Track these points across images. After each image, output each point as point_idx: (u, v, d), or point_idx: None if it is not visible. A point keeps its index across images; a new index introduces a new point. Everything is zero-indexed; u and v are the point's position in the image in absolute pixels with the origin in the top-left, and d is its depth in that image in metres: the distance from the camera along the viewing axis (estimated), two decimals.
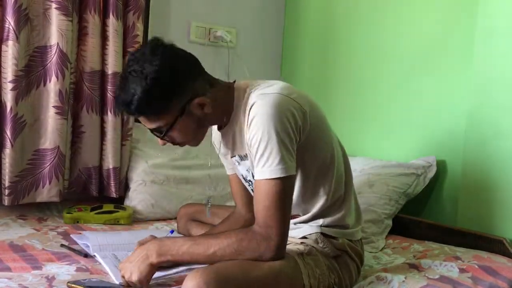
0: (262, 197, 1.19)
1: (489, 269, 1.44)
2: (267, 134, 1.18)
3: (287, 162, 1.18)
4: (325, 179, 1.32)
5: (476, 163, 1.79)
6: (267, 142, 1.18)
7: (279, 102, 1.20)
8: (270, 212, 1.18)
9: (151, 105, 1.20)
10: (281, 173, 1.18)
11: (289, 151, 1.19)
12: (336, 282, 1.28)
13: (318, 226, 1.33)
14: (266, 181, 1.19)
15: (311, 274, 1.23)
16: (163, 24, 2.38)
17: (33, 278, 1.27)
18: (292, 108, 1.22)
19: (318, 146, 1.29)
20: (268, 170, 1.18)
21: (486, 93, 1.77)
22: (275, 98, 1.21)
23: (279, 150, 1.18)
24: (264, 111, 1.19)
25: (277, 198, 1.18)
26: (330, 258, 1.30)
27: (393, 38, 2.13)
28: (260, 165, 1.19)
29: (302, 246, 1.30)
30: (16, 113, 1.85)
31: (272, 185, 1.18)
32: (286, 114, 1.20)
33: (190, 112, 1.24)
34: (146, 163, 2.11)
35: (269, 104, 1.20)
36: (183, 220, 1.76)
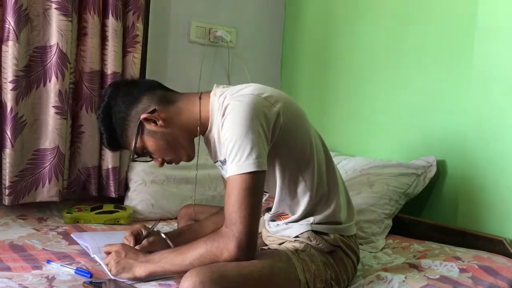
0: (229, 193, 1.19)
1: (489, 269, 1.44)
2: (238, 131, 1.19)
3: (258, 157, 1.18)
4: (304, 174, 1.31)
5: (476, 163, 1.79)
6: (236, 139, 1.19)
7: (250, 102, 1.22)
8: (235, 208, 1.17)
9: (113, 139, 1.38)
10: (249, 168, 1.17)
11: (259, 148, 1.19)
12: (333, 278, 1.29)
13: (308, 224, 1.33)
14: (234, 177, 1.19)
15: (306, 270, 1.23)
16: (163, 24, 2.38)
17: (33, 278, 1.28)
18: (263, 107, 1.23)
19: (293, 142, 1.30)
20: (237, 166, 1.18)
21: (486, 93, 1.77)
22: (247, 98, 1.23)
23: (249, 146, 1.18)
24: (236, 111, 1.21)
25: (244, 194, 1.17)
26: (325, 254, 1.31)
27: (393, 37, 2.13)
28: (230, 162, 1.20)
29: (297, 243, 1.31)
30: (16, 113, 1.85)
31: (240, 181, 1.18)
32: (257, 113, 1.21)
33: (149, 130, 1.34)
34: (146, 163, 2.11)
35: (240, 105, 1.22)
36: (183, 220, 1.77)
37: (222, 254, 1.17)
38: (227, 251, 1.17)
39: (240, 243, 1.16)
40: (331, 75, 2.43)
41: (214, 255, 1.18)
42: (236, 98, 1.25)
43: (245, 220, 1.17)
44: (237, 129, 1.19)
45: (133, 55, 2.11)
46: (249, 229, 1.17)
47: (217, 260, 1.17)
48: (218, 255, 1.17)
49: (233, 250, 1.16)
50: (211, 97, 1.35)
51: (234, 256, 1.16)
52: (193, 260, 1.20)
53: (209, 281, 1.07)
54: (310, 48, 2.56)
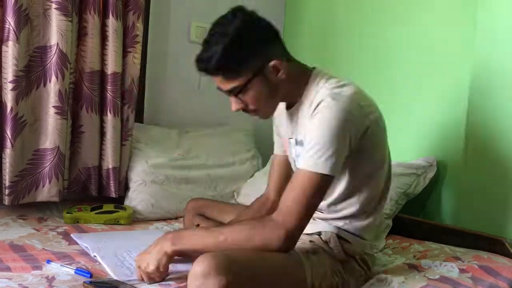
0: (296, 185, 1.20)
1: (489, 269, 1.43)
2: (327, 130, 1.20)
3: (333, 162, 1.19)
4: (364, 189, 1.32)
5: (476, 163, 1.79)
6: (321, 139, 1.19)
7: (346, 108, 1.22)
8: (295, 201, 1.18)
9: (229, 62, 1.25)
10: (323, 169, 1.18)
11: (339, 154, 1.20)
12: (339, 285, 1.28)
13: (336, 227, 1.33)
14: (306, 172, 1.19)
15: (314, 272, 1.23)
16: (163, 24, 2.38)
17: (33, 278, 1.28)
18: (357, 115, 1.24)
19: (370, 155, 1.30)
20: (312, 161, 1.19)
21: (486, 93, 1.77)
22: (344, 101, 1.23)
23: (331, 149, 1.19)
24: (330, 112, 1.21)
25: (310, 192, 1.18)
26: (336, 261, 1.30)
27: (393, 37, 2.13)
28: (307, 155, 1.21)
29: (310, 245, 1.30)
30: (16, 113, 1.85)
31: (310, 177, 1.19)
32: (349, 122, 1.22)
33: (265, 74, 1.28)
34: (146, 163, 2.12)
35: (336, 106, 1.22)
36: (190, 214, 1.76)
37: (265, 238, 1.16)
38: (274, 237, 1.16)
39: (289, 235, 1.17)
40: None
41: (256, 236, 1.17)
42: (334, 96, 1.24)
43: (301, 215, 1.18)
44: (325, 131, 1.20)
45: (133, 55, 2.12)
46: (301, 225, 1.18)
47: (256, 244, 1.17)
48: (261, 238, 1.17)
49: (282, 239, 1.16)
50: (312, 76, 1.34)
51: (280, 245, 1.17)
52: (230, 237, 1.18)
53: (222, 266, 1.07)
54: (310, 48, 2.56)
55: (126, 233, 1.78)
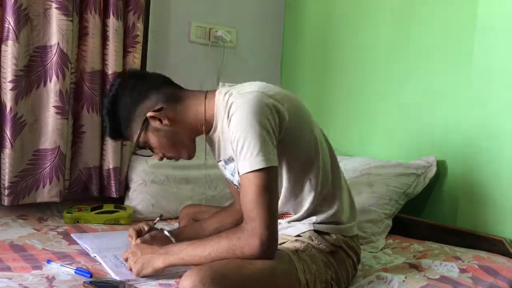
0: (245, 191, 1.19)
1: (489, 269, 1.44)
2: (246, 129, 1.19)
3: (267, 153, 1.18)
4: (310, 174, 1.32)
5: (476, 163, 1.79)
6: (245, 136, 1.19)
7: (257, 99, 1.22)
8: (253, 205, 1.17)
9: (117, 131, 1.39)
10: (261, 164, 1.17)
11: (268, 144, 1.19)
12: (334, 278, 1.28)
13: (311, 223, 1.33)
14: (248, 175, 1.18)
15: (306, 270, 1.23)
16: (163, 24, 2.38)
17: (33, 278, 1.27)
18: (270, 105, 1.23)
19: (299, 142, 1.30)
20: (248, 162, 1.18)
21: (486, 93, 1.77)
22: (253, 96, 1.23)
23: (259, 143, 1.18)
24: (243, 108, 1.21)
25: (260, 191, 1.17)
26: (326, 254, 1.31)
27: (393, 37, 2.13)
28: (241, 159, 1.20)
29: (298, 243, 1.31)
30: (16, 113, 1.85)
31: (254, 178, 1.18)
32: (264, 110, 1.21)
33: (154, 127, 1.35)
34: (146, 163, 2.12)
35: (246, 101, 1.22)
36: (184, 220, 1.77)
37: (243, 249, 1.16)
38: (248, 247, 1.16)
39: (262, 239, 1.15)
40: (331, 75, 2.43)
41: (235, 248, 1.17)
42: (241, 96, 1.25)
43: (264, 217, 1.16)
44: (245, 126, 1.19)
45: (133, 55, 2.12)
46: (269, 225, 1.17)
47: (237, 255, 1.16)
48: (239, 250, 1.16)
49: (256, 245, 1.15)
50: (216, 95, 1.35)
51: (256, 252, 1.16)
52: (212, 251, 1.19)
53: (210, 281, 1.07)
54: (310, 48, 2.56)
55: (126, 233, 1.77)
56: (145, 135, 1.36)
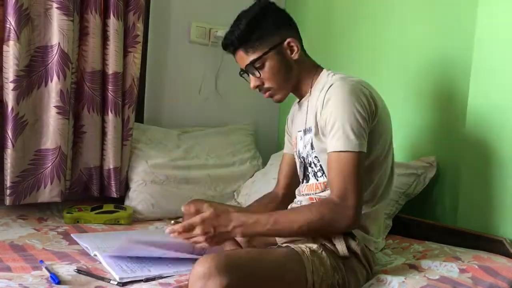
0: (340, 167, 1.26)
1: (489, 270, 1.43)
2: (345, 111, 1.27)
3: (361, 139, 1.27)
4: (370, 174, 1.36)
5: (476, 163, 1.79)
6: (345, 118, 1.27)
7: (356, 88, 1.31)
8: (347, 182, 1.25)
9: (250, 34, 1.40)
10: (356, 147, 1.26)
11: (363, 130, 1.27)
12: (340, 284, 1.28)
13: None
14: (342, 153, 1.26)
15: (314, 271, 1.23)
16: (164, 24, 2.38)
17: (33, 279, 1.27)
18: (368, 96, 1.32)
19: (378, 141, 1.36)
20: (346, 142, 1.26)
21: (486, 93, 1.77)
22: (353, 84, 1.32)
23: (356, 127, 1.26)
24: (343, 92, 1.30)
25: (355, 171, 1.25)
26: (337, 259, 1.30)
27: (393, 36, 2.13)
28: (337, 137, 1.27)
29: (311, 243, 1.31)
30: (17, 113, 1.85)
31: (349, 157, 1.26)
32: (362, 99, 1.30)
33: (280, 51, 1.42)
34: (146, 163, 2.12)
35: (347, 87, 1.31)
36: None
37: (340, 222, 1.24)
38: (347, 219, 1.24)
39: (356, 213, 1.24)
40: None
41: (330, 221, 1.23)
42: (343, 80, 1.34)
43: (357, 193, 1.25)
44: (344, 109, 1.28)
45: (133, 55, 2.12)
46: (361, 202, 1.27)
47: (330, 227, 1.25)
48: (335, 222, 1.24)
49: (352, 218, 1.24)
50: (323, 72, 1.47)
51: (352, 224, 1.26)
52: (303, 225, 1.23)
53: (224, 268, 1.08)
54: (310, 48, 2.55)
55: (126, 233, 1.78)
56: (270, 56, 1.40)
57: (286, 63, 1.43)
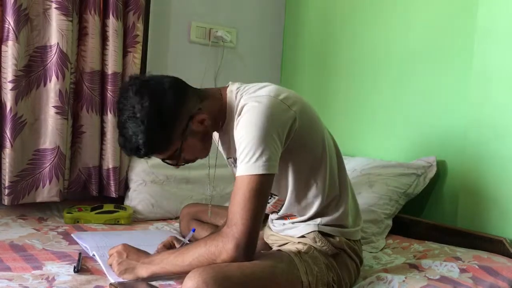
0: (235, 193, 1.19)
1: (490, 269, 1.44)
2: (252, 132, 1.18)
3: (268, 160, 1.17)
4: (317, 178, 1.31)
5: (476, 163, 1.79)
6: (249, 140, 1.18)
7: (267, 104, 1.21)
8: (239, 208, 1.17)
9: (156, 144, 1.25)
10: (257, 170, 1.17)
11: (272, 151, 1.18)
12: (335, 281, 1.28)
13: (315, 224, 1.33)
14: (242, 177, 1.18)
15: (309, 272, 1.23)
16: (163, 24, 2.38)
17: (34, 279, 1.27)
18: (280, 111, 1.23)
19: (307, 146, 1.29)
20: (246, 166, 1.18)
21: (486, 93, 1.77)
22: (264, 100, 1.22)
23: (260, 149, 1.17)
24: (252, 112, 1.21)
25: (249, 195, 1.17)
26: (328, 256, 1.30)
27: (393, 38, 2.13)
28: (240, 161, 1.20)
29: (301, 245, 1.31)
30: (16, 113, 1.85)
31: (247, 182, 1.17)
32: (273, 117, 1.20)
33: (192, 131, 1.28)
34: (146, 163, 2.12)
35: (257, 106, 1.21)
36: (185, 220, 1.78)
37: (220, 255, 1.16)
38: (225, 252, 1.16)
39: (239, 244, 1.15)
40: (331, 76, 2.43)
41: (212, 255, 1.17)
42: (253, 99, 1.24)
43: (246, 221, 1.16)
44: (251, 131, 1.18)
45: (133, 55, 2.12)
46: (249, 230, 1.16)
47: (215, 260, 1.17)
48: (216, 256, 1.17)
49: (231, 251, 1.15)
50: (227, 93, 1.34)
51: (231, 257, 1.16)
52: (192, 260, 1.19)
53: (213, 281, 1.07)
54: (310, 48, 2.56)
55: (126, 233, 1.78)
56: (185, 143, 1.28)
57: (201, 133, 1.30)
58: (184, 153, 1.31)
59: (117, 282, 1.25)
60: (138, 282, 1.26)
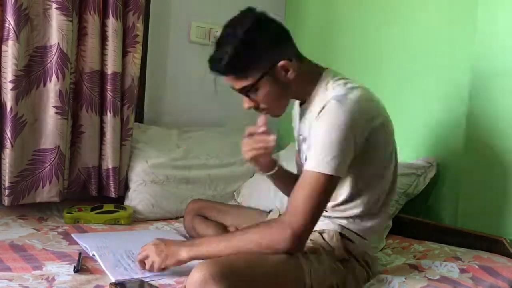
0: (303, 185, 1.20)
1: (490, 270, 1.44)
2: (331, 134, 1.20)
3: (338, 163, 1.19)
4: (369, 192, 1.33)
5: (476, 163, 1.79)
6: (327, 140, 1.20)
7: (352, 110, 1.22)
8: (302, 202, 1.18)
9: (240, 62, 1.27)
10: (329, 170, 1.19)
11: (344, 155, 1.21)
12: (339, 285, 1.28)
13: (340, 225, 1.33)
14: (312, 173, 1.20)
15: (313, 273, 1.23)
16: (163, 24, 2.38)
17: (34, 279, 1.27)
18: (363, 120, 1.24)
19: (377, 160, 1.31)
20: (318, 162, 1.19)
21: (486, 93, 1.77)
22: (349, 105, 1.23)
23: (336, 151, 1.19)
24: (336, 113, 1.22)
25: (316, 193, 1.18)
26: (336, 260, 1.30)
27: (393, 37, 2.13)
28: (313, 156, 1.21)
29: (309, 244, 1.30)
30: (16, 113, 1.85)
31: (316, 178, 1.19)
32: (355, 122, 1.22)
33: (274, 74, 1.29)
34: (146, 163, 2.12)
35: (341, 108, 1.22)
36: (189, 216, 1.77)
37: (272, 239, 1.17)
38: (280, 237, 1.17)
39: (297, 235, 1.17)
40: None
41: (263, 239, 1.18)
42: (339, 99, 1.24)
43: (308, 216, 1.18)
44: (331, 130, 1.20)
45: (133, 55, 2.12)
46: (308, 225, 1.19)
47: (268, 246, 1.17)
48: (268, 240, 1.18)
49: (288, 239, 1.17)
50: (323, 76, 1.35)
51: (287, 246, 1.17)
52: (242, 245, 1.20)
53: (220, 275, 1.07)
54: (310, 49, 2.55)
55: (126, 233, 1.78)
56: (263, 82, 1.29)
57: (282, 85, 1.31)
58: (258, 93, 1.31)
59: (117, 282, 1.25)
60: (138, 282, 1.26)
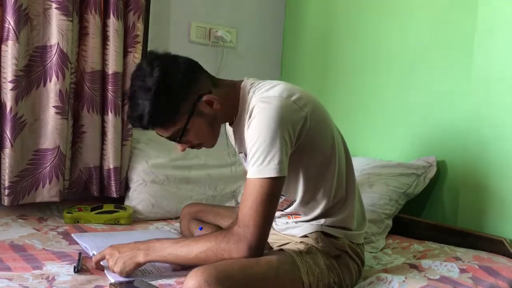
0: (247, 195, 1.19)
1: (490, 270, 1.44)
2: (263, 135, 1.19)
3: (279, 163, 1.18)
4: (326, 179, 1.31)
5: (476, 163, 1.79)
6: (260, 143, 1.19)
7: (278, 106, 1.21)
8: (251, 211, 1.17)
9: (162, 115, 1.24)
10: (269, 173, 1.18)
11: (281, 153, 1.19)
12: (336, 282, 1.28)
13: (319, 225, 1.33)
14: (254, 180, 1.19)
15: (310, 272, 1.23)
16: (164, 24, 2.38)
17: (34, 279, 1.27)
18: (291, 112, 1.23)
19: (317, 147, 1.29)
20: (258, 169, 1.18)
21: (486, 93, 1.77)
22: (275, 102, 1.22)
23: (272, 151, 1.18)
24: (262, 114, 1.21)
25: (262, 199, 1.18)
26: (330, 257, 1.30)
27: (393, 37, 2.13)
28: (251, 164, 1.20)
29: (302, 245, 1.31)
30: (16, 113, 1.85)
31: (259, 185, 1.18)
32: (284, 119, 1.21)
33: (199, 112, 1.28)
34: (146, 163, 2.12)
35: (268, 108, 1.21)
36: (185, 219, 1.77)
37: (231, 253, 1.17)
38: (237, 251, 1.17)
39: (251, 245, 1.17)
40: (331, 75, 2.43)
41: (222, 251, 1.17)
42: (264, 100, 1.24)
43: (259, 224, 1.17)
44: (262, 133, 1.19)
45: (133, 55, 2.12)
46: (261, 233, 1.18)
47: (223, 257, 1.17)
48: (226, 253, 1.17)
49: (243, 251, 1.17)
50: (241, 88, 1.34)
51: (243, 257, 1.17)
52: (199, 253, 1.19)
53: (215, 281, 1.07)
54: (310, 48, 2.56)
55: (126, 233, 1.78)
56: (190, 123, 1.27)
57: (210, 118, 1.29)
58: (189, 134, 1.29)
59: (117, 282, 1.25)
60: (139, 281, 1.26)
